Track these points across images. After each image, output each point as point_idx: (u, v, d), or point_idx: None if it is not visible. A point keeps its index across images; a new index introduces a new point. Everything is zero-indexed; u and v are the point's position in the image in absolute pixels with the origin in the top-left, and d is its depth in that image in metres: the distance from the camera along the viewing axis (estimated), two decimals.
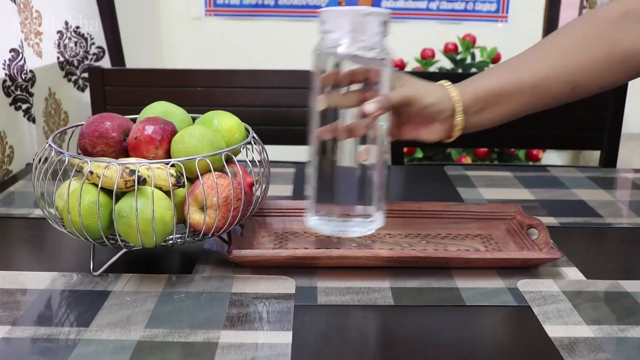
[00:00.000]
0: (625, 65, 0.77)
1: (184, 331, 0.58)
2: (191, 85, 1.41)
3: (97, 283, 0.67)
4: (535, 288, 0.67)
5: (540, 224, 0.77)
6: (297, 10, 2.57)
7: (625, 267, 0.75)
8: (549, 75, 0.77)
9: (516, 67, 0.79)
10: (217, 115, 0.76)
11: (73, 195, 0.65)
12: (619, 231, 0.85)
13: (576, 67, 0.77)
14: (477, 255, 0.71)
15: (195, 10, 2.56)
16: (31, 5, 1.32)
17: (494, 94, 0.77)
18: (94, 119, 0.72)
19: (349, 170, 0.71)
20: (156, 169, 0.65)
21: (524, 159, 2.33)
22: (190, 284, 0.67)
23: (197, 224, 0.67)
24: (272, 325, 0.59)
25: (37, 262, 0.76)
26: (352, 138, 0.71)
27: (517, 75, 0.78)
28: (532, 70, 0.77)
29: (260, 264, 0.71)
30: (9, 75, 1.16)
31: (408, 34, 2.57)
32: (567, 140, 1.47)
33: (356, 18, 0.67)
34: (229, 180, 0.67)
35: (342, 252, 0.72)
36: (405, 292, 0.66)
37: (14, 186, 1.01)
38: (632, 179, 1.09)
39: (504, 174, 1.10)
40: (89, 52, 1.57)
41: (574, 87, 0.77)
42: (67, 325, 0.59)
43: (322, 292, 0.66)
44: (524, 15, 2.54)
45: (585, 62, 0.77)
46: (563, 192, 1.00)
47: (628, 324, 0.60)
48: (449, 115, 0.77)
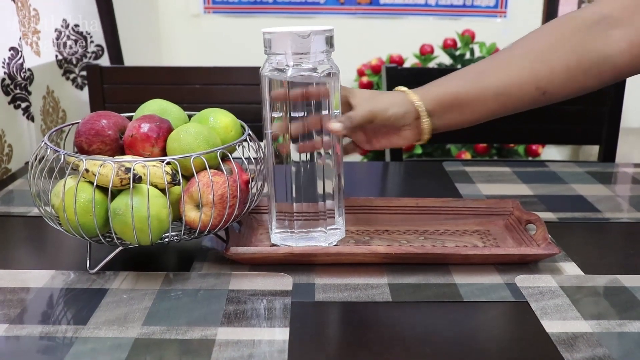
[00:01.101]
0: (597, 72, 0.75)
1: (181, 328, 0.58)
2: (189, 82, 1.41)
3: (94, 281, 0.67)
4: (533, 283, 0.67)
5: (538, 220, 0.77)
6: (296, 7, 2.57)
7: (623, 262, 0.74)
8: (516, 81, 0.76)
9: (482, 73, 0.77)
10: (213, 112, 0.75)
11: (69, 193, 0.65)
12: (617, 226, 0.85)
13: (547, 73, 0.75)
14: (474, 251, 0.71)
15: (194, 7, 2.56)
16: (29, 4, 1.32)
17: (456, 98, 0.76)
18: (90, 117, 0.72)
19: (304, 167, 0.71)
20: (152, 167, 0.65)
21: (524, 154, 2.33)
22: (187, 281, 0.67)
23: (193, 222, 0.67)
24: (270, 322, 0.59)
25: (34, 260, 0.76)
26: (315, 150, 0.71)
27: (481, 82, 0.76)
28: (497, 77, 0.76)
29: (258, 261, 0.71)
30: (8, 74, 1.15)
31: (407, 30, 2.58)
32: (566, 135, 1.47)
33: (299, 40, 0.67)
34: (224, 178, 0.67)
35: (339, 248, 0.72)
36: (403, 288, 0.66)
37: (13, 185, 1.01)
38: (631, 173, 1.09)
39: (502, 169, 1.10)
40: (88, 50, 1.57)
41: (544, 92, 0.76)
42: (64, 323, 0.59)
43: (320, 288, 0.66)
44: (523, 10, 2.54)
45: (557, 68, 0.75)
46: (561, 187, 1.00)
47: (626, 319, 0.60)
48: (413, 119, 0.76)
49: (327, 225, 0.73)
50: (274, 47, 0.68)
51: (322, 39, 0.68)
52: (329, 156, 0.72)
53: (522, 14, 2.54)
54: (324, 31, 0.68)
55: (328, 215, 0.73)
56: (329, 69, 0.70)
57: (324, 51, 0.69)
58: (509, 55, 0.78)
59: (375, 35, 2.58)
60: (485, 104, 0.76)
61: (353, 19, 2.58)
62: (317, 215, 0.73)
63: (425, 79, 1.37)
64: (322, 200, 0.72)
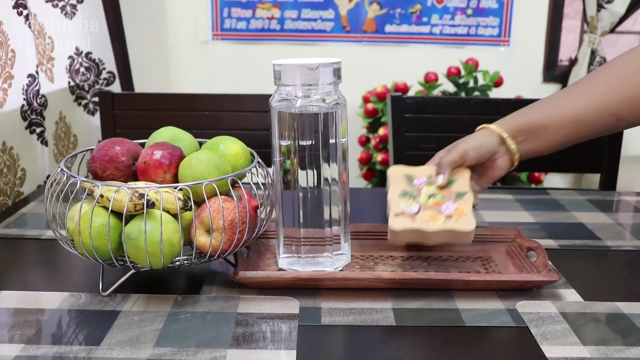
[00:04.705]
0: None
1: (191, 350, 0.60)
2: (198, 109, 1.44)
3: (106, 303, 0.69)
4: (533, 309, 0.69)
5: (539, 247, 0.79)
6: (303, 35, 2.61)
7: (623, 289, 0.76)
8: (592, 108, 0.81)
9: (560, 101, 0.83)
10: (223, 140, 0.78)
11: (84, 217, 0.67)
12: (617, 254, 0.87)
13: (620, 100, 0.80)
14: (477, 277, 0.73)
15: (203, 34, 2.61)
16: (44, 32, 1.36)
17: (535, 126, 0.82)
18: (104, 143, 0.75)
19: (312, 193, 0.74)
20: (164, 193, 0.68)
21: (526, 181, 2.35)
22: (196, 304, 0.69)
23: (204, 246, 0.69)
24: (277, 345, 0.61)
25: (47, 282, 0.78)
26: None
27: (559, 109, 0.82)
28: (574, 104, 0.81)
29: (266, 285, 0.72)
30: (26, 100, 1.19)
31: (411, 57, 2.61)
32: (567, 163, 1.49)
33: (307, 72, 0.70)
34: (234, 204, 0.69)
35: (345, 274, 0.73)
36: (406, 312, 0.68)
37: (26, 208, 1.03)
38: (631, 201, 1.11)
39: (505, 196, 1.12)
40: (100, 77, 1.60)
41: (619, 119, 0.81)
42: (78, 344, 0.61)
43: (326, 312, 0.68)
44: (526, 39, 2.58)
45: (632, 95, 0.80)
46: (563, 215, 1.02)
47: (625, 345, 0.62)
48: (499, 144, 0.82)
49: (333, 251, 0.75)
50: (284, 78, 0.71)
51: (330, 71, 0.71)
52: (336, 183, 0.74)
53: (525, 42, 2.58)
54: (332, 63, 0.71)
55: (334, 241, 0.75)
56: (337, 99, 0.72)
57: (332, 82, 0.71)
58: (584, 84, 0.83)
59: (381, 63, 2.61)
60: (562, 130, 0.82)
61: (359, 46, 2.62)
62: (323, 240, 0.74)
63: (429, 108, 1.41)
64: (328, 226, 0.74)
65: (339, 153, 0.73)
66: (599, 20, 2.46)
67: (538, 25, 2.59)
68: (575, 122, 0.81)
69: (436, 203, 0.79)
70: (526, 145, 0.83)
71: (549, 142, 0.83)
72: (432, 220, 0.76)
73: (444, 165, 0.81)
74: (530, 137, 0.83)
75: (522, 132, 0.83)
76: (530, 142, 0.83)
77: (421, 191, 0.81)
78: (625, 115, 0.81)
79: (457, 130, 1.44)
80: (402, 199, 0.80)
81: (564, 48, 2.64)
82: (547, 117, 0.82)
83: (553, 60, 2.63)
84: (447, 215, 0.77)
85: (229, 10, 2.58)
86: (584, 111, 0.81)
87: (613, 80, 0.81)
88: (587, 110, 0.81)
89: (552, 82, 2.63)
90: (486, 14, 2.56)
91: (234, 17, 2.59)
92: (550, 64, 2.62)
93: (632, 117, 0.81)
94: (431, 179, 0.82)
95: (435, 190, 0.81)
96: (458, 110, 1.42)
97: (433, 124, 1.42)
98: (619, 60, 0.83)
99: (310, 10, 2.59)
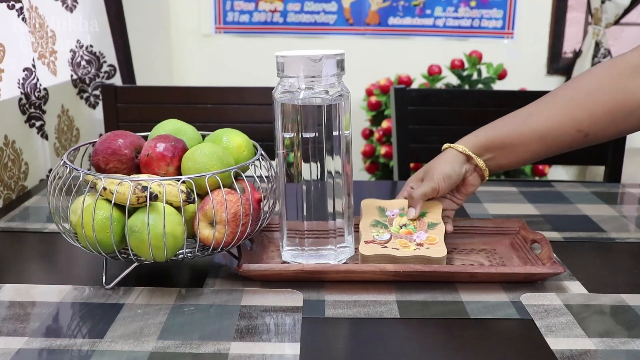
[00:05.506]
0: (639, 116, 0.78)
1: (195, 343, 0.59)
2: (201, 102, 1.44)
3: (110, 296, 0.69)
4: (538, 302, 0.68)
5: (544, 239, 0.79)
6: (306, 28, 2.61)
7: (628, 281, 0.76)
8: (559, 125, 0.80)
9: (527, 118, 0.82)
10: (227, 133, 0.78)
11: (87, 210, 0.67)
12: (622, 246, 0.86)
13: (587, 116, 0.79)
14: (481, 270, 0.72)
15: (205, 27, 2.60)
16: (46, 25, 1.36)
17: (502, 143, 0.82)
18: (107, 136, 0.74)
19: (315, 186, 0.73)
20: (167, 186, 0.67)
21: (530, 174, 2.34)
22: (200, 297, 0.69)
23: (207, 239, 0.69)
24: (281, 337, 0.61)
25: (51, 275, 0.78)
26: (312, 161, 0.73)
27: (526, 126, 0.81)
28: (541, 121, 0.80)
29: (269, 277, 0.72)
30: (24, 94, 1.19)
31: (415, 50, 2.60)
32: (571, 155, 1.47)
33: (310, 63, 0.69)
34: (237, 197, 0.69)
35: (349, 266, 0.73)
36: (410, 305, 0.68)
37: (29, 201, 1.03)
38: (636, 194, 1.10)
39: (509, 189, 1.11)
40: (101, 70, 1.60)
41: (586, 135, 0.79)
42: (81, 337, 0.61)
43: (330, 305, 0.68)
44: (530, 31, 2.57)
45: (598, 112, 0.78)
46: (567, 207, 1.01)
47: (629, 337, 0.61)
48: (468, 163, 0.82)
49: (337, 243, 0.75)
50: (287, 70, 0.71)
51: (333, 63, 0.70)
52: (339, 175, 0.74)
53: (529, 35, 2.56)
54: (335, 55, 0.70)
55: (338, 234, 0.75)
56: (340, 91, 0.72)
57: (335, 74, 0.71)
58: (551, 100, 0.82)
59: (384, 56, 2.61)
60: (529, 146, 0.81)
61: (362, 39, 2.61)
62: (327, 233, 0.74)
63: (433, 101, 1.40)
64: (332, 219, 0.74)
65: (343, 145, 0.73)
66: (603, 12, 2.45)
67: (542, 17, 2.58)
68: (542, 138, 0.80)
69: (408, 232, 0.79)
70: (495, 161, 0.83)
71: (518, 158, 0.83)
72: (404, 247, 0.76)
73: (416, 198, 0.81)
74: (498, 154, 0.82)
75: (489, 149, 0.82)
76: (499, 158, 0.82)
77: (393, 221, 0.82)
78: (591, 131, 0.79)
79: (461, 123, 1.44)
80: (373, 229, 0.80)
81: (568, 40, 2.63)
82: (514, 134, 0.81)
83: (557, 52, 2.61)
84: (419, 243, 0.77)
85: (232, 3, 2.57)
86: (551, 128, 0.80)
87: (579, 96, 0.80)
88: (554, 126, 0.80)
89: (556, 74, 2.62)
90: (490, 6, 2.55)
91: (237, 10, 2.58)
92: (554, 56, 2.61)
93: (600, 133, 0.79)
94: (404, 211, 0.83)
95: (407, 221, 0.81)
96: (461, 103, 1.42)
97: (436, 117, 1.41)
98: (584, 76, 0.82)
99: (313, 3, 2.58)
